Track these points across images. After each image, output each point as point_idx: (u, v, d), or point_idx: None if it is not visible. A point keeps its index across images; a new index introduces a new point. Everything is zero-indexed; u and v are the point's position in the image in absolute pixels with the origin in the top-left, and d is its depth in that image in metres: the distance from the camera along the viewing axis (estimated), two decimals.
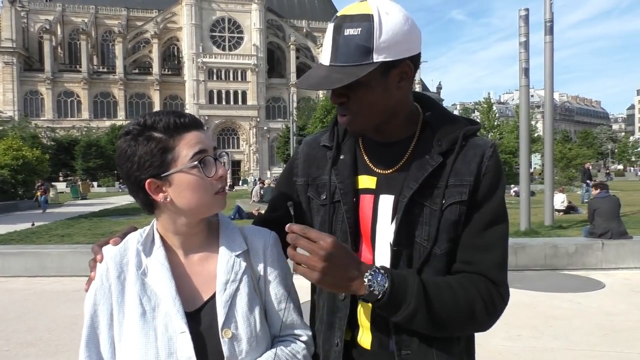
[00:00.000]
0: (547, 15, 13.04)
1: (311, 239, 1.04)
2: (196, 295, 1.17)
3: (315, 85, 1.14)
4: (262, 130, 77.39)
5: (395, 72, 1.14)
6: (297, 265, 1.06)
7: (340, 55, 1.10)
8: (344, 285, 1.08)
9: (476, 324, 1.17)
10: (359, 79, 1.09)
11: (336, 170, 1.28)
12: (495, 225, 1.20)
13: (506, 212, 1.23)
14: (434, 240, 1.18)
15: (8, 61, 70.35)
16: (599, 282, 7.22)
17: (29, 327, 5.47)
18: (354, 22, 1.09)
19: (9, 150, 25.11)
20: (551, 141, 13.43)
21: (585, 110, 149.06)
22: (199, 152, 1.12)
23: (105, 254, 1.17)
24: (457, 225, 1.18)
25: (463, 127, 1.23)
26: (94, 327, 1.13)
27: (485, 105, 53.93)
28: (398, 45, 1.11)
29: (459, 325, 1.16)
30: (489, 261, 1.18)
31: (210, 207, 1.16)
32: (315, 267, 1.03)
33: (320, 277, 1.04)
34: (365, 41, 1.08)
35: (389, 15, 1.10)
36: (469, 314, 1.14)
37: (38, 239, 12.39)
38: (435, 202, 1.18)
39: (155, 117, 1.13)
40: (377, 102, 1.16)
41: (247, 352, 1.13)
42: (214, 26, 77.95)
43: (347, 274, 1.07)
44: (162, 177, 1.12)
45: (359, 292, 1.08)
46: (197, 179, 1.12)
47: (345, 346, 1.25)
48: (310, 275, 1.05)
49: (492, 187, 1.19)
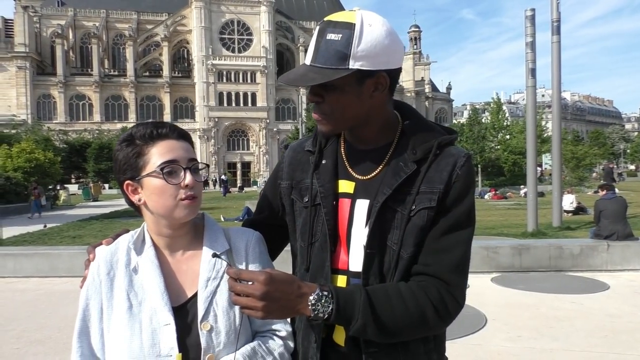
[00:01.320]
0: (554, 15, 13.00)
1: (246, 280, 1.08)
2: (181, 291, 1.26)
3: (292, 81, 1.22)
4: (272, 132, 77.54)
5: (370, 82, 1.21)
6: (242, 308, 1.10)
7: (320, 57, 1.17)
8: (290, 312, 1.13)
9: (429, 328, 1.22)
10: (333, 82, 1.17)
11: (318, 174, 1.34)
12: (458, 230, 1.24)
13: (472, 219, 1.28)
14: (400, 244, 1.23)
15: (21, 65, 71.13)
16: (604, 284, 7.21)
17: (39, 326, 5.60)
18: (337, 29, 1.16)
19: (22, 153, 25.47)
20: (559, 141, 13.38)
21: (597, 109, 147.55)
22: (168, 161, 1.22)
23: (97, 254, 1.28)
24: (424, 230, 1.24)
25: (439, 137, 1.29)
26: (86, 320, 1.24)
27: (494, 106, 53.59)
28: (376, 57, 1.17)
29: (411, 332, 1.21)
30: (446, 263, 1.22)
31: (175, 213, 1.23)
32: (255, 307, 1.07)
33: (264, 314, 1.08)
34: (344, 47, 1.15)
35: (372, 27, 1.17)
36: (419, 320, 1.19)
37: (50, 240, 12.60)
38: (406, 207, 1.24)
39: (138, 127, 1.26)
40: (348, 106, 1.23)
41: (225, 344, 1.21)
42: (224, 28, 78.27)
43: (290, 303, 1.11)
44: (136, 180, 1.23)
45: (306, 314, 1.13)
46: (162, 185, 1.21)
47: (321, 343, 1.31)
48: (255, 314, 1.09)
49: (460, 194, 1.24)
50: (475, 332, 5.08)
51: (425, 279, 1.22)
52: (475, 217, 1.29)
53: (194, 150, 1.31)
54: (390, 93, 1.28)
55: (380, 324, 1.15)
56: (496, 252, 8.08)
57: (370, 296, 1.16)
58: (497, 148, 51.93)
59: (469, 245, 1.26)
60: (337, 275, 1.29)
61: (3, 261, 8.34)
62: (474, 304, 5.79)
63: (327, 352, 1.31)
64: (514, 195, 30.72)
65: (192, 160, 1.26)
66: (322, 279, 1.29)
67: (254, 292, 1.07)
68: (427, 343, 1.29)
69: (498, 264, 8.00)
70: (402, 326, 1.18)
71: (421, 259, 1.24)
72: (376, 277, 1.24)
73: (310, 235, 1.33)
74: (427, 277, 1.22)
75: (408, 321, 1.18)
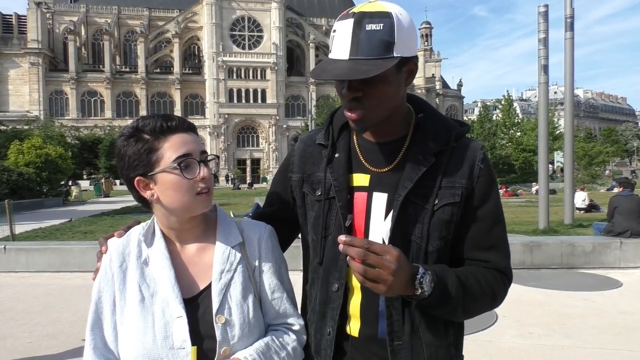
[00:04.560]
0: (567, 11, 12.86)
1: (377, 252, 1.06)
2: (193, 283, 1.25)
3: (339, 76, 1.14)
4: (282, 129, 77.56)
5: (405, 69, 1.22)
6: (365, 279, 1.07)
7: (364, 48, 1.13)
8: (402, 290, 1.13)
9: (495, 305, 1.30)
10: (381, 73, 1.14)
11: (331, 168, 1.33)
12: (499, 224, 1.31)
13: (502, 211, 1.33)
14: (427, 238, 1.24)
15: (34, 62, 71.71)
16: (616, 281, 7.14)
17: (51, 320, 5.65)
18: (375, 19, 1.14)
19: (32, 148, 25.69)
20: (571, 138, 13.26)
21: (610, 106, 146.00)
22: (182, 155, 1.20)
23: (109, 246, 1.28)
24: (449, 224, 1.25)
25: (453, 129, 1.29)
26: (99, 312, 1.23)
27: (505, 103, 53.22)
28: (409, 44, 1.18)
29: (484, 309, 1.28)
30: (501, 257, 1.29)
31: (191, 207, 1.22)
32: (385, 281, 1.06)
33: (388, 289, 1.08)
34: (388, 36, 1.13)
35: (402, 15, 1.17)
36: (492, 298, 1.26)
37: (62, 235, 12.70)
38: (428, 201, 1.24)
39: (145, 121, 1.23)
40: (391, 97, 1.22)
41: (239, 337, 1.21)
42: (234, 25, 78.37)
43: (405, 281, 1.11)
44: (148, 176, 1.21)
45: (409, 293, 1.14)
46: (179, 180, 1.19)
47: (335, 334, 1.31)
48: (379, 288, 1.08)
49: (487, 189, 1.28)
50: (485, 328, 5.05)
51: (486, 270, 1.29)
52: None
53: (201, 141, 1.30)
54: None
55: (467, 303, 1.21)
56: None
57: (460, 277, 1.21)
58: (507, 145, 51.61)
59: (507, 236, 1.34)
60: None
61: (16, 256, 8.42)
62: None
63: (340, 343, 1.31)
64: (525, 192, 30.53)
65: (204, 153, 1.25)
66: (336, 272, 1.29)
67: (389, 266, 1.06)
68: (448, 337, 1.30)
69: None
70: (480, 304, 1.25)
71: (473, 255, 1.29)
72: None
73: (324, 229, 1.32)
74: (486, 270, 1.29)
75: (483, 299, 1.25)
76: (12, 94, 71.44)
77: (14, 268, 8.26)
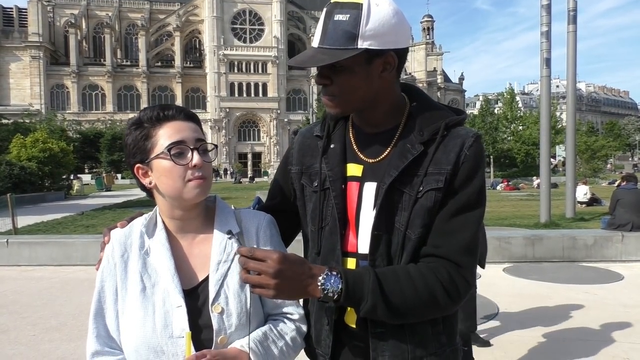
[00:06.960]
0: (570, 4, 12.84)
1: (258, 258, 1.08)
2: (193, 274, 1.26)
3: (301, 63, 1.23)
4: (283, 122, 77.56)
5: (379, 62, 1.20)
6: (253, 287, 1.10)
7: (328, 38, 1.17)
8: (300, 293, 1.14)
9: (439, 309, 1.21)
10: (343, 63, 1.17)
11: (326, 158, 1.34)
12: (467, 211, 1.23)
13: (482, 200, 1.26)
14: (407, 225, 1.23)
15: (35, 55, 71.69)
16: (618, 274, 7.15)
17: (54, 313, 5.68)
18: (344, 9, 1.16)
19: (36, 143, 25.72)
20: (573, 132, 13.26)
21: (613, 100, 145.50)
22: (175, 142, 1.21)
23: (112, 236, 1.29)
24: (431, 210, 1.22)
25: (446, 118, 1.27)
26: (101, 301, 1.25)
27: (507, 96, 53.09)
28: (384, 36, 1.17)
29: (422, 312, 1.21)
30: (456, 244, 1.21)
31: (184, 194, 1.22)
32: (268, 285, 1.08)
33: (275, 293, 1.09)
34: (352, 27, 1.14)
35: (379, 7, 1.16)
36: (429, 301, 1.18)
37: (64, 229, 12.74)
38: (413, 189, 1.23)
39: (146, 111, 1.26)
40: (358, 87, 1.22)
41: (236, 326, 1.22)
42: (235, 18, 78.23)
43: (301, 283, 1.12)
44: (145, 163, 1.23)
45: (316, 296, 1.14)
46: (170, 166, 1.20)
47: (334, 325, 1.32)
48: (266, 293, 1.09)
49: (469, 175, 1.23)
50: (487, 321, 5.07)
51: (435, 261, 1.21)
52: (485, 198, 1.28)
53: (202, 131, 1.30)
54: (397, 74, 1.27)
55: (390, 305, 1.16)
56: (509, 243, 8.03)
57: (379, 277, 1.17)
58: (509, 139, 51.54)
59: (478, 227, 1.25)
60: (347, 258, 1.29)
61: (19, 250, 8.45)
62: (486, 294, 5.76)
63: (339, 333, 1.32)
64: (527, 186, 30.51)
65: (200, 141, 1.25)
66: (333, 262, 1.29)
67: (267, 270, 1.07)
68: (435, 325, 1.28)
69: (511, 254, 7.95)
70: (411, 307, 1.18)
71: (430, 241, 1.23)
72: (383, 258, 1.24)
73: (321, 220, 1.33)
74: (436, 258, 1.22)
75: (417, 302, 1.18)
76: (13, 87, 71.50)
77: (17, 262, 8.29)
